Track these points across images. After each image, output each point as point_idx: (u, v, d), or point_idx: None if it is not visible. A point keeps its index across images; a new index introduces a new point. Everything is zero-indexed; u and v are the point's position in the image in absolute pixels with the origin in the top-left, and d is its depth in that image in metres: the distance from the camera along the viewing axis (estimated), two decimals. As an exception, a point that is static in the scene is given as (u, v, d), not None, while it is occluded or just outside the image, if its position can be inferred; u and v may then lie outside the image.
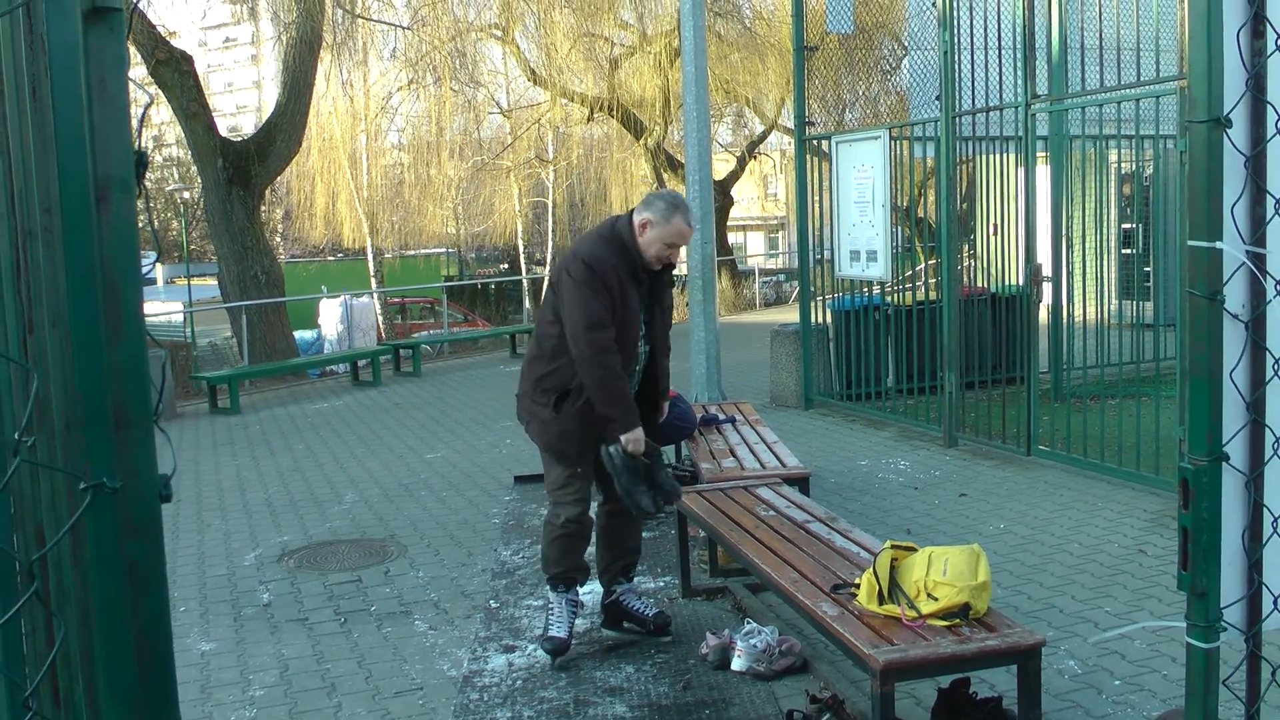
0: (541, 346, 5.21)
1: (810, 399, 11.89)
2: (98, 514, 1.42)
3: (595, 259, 4.99)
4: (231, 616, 6.09)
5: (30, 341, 1.83)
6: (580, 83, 27.51)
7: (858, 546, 4.93)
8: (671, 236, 5.05)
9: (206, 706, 4.89)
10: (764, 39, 25.59)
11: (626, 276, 5.03)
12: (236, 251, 18.13)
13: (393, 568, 6.87)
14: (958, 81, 9.47)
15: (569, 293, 5.01)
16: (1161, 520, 7.18)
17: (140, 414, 1.44)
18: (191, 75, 17.75)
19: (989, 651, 3.81)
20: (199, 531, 7.85)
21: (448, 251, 43.28)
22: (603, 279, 4.94)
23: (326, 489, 9.06)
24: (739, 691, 4.83)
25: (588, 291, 4.94)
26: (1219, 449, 2.22)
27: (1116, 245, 11.04)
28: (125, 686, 1.45)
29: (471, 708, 4.78)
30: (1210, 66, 2.14)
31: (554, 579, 5.33)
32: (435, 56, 25.71)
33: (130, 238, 1.44)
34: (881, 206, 10.54)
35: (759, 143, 33.59)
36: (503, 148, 33.27)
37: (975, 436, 9.73)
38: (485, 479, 9.15)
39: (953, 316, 9.67)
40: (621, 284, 5.00)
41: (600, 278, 4.94)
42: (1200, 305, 2.21)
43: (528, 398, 5.27)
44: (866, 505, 7.83)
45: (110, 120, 1.42)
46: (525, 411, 5.31)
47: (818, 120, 12.24)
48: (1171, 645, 5.14)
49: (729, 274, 29.33)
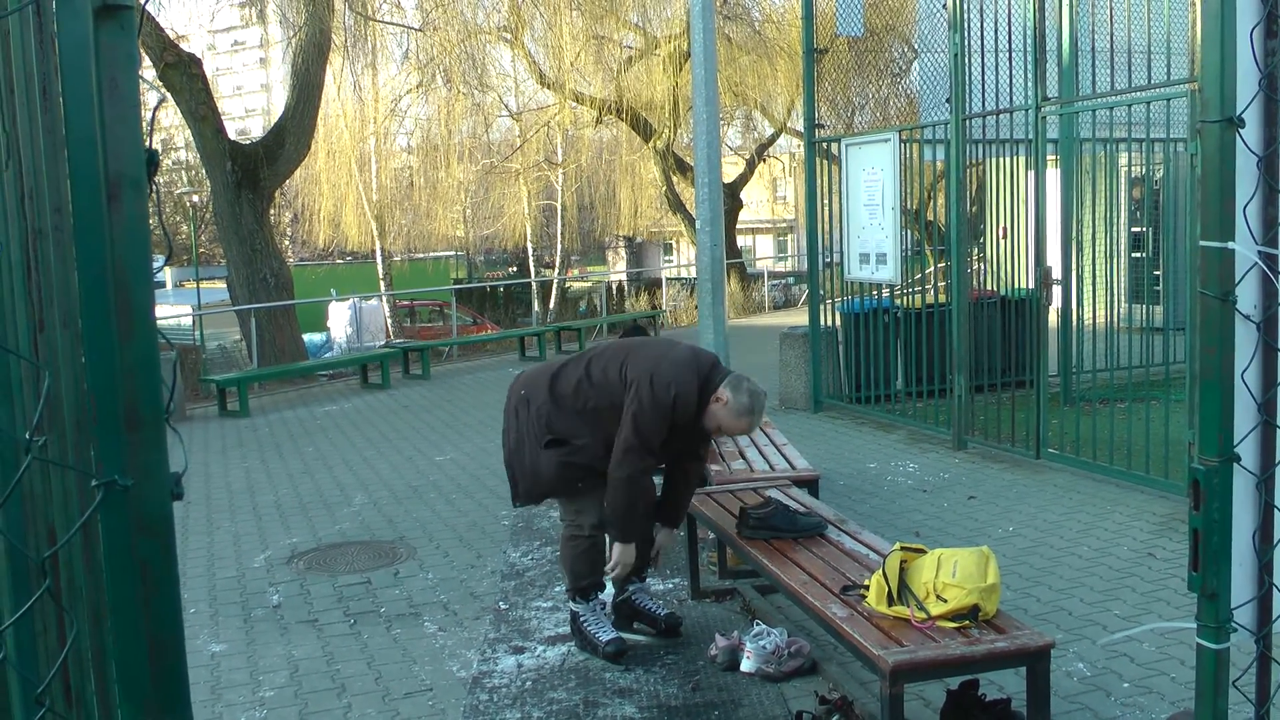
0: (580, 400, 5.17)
1: (819, 402, 11.88)
2: (110, 512, 1.42)
3: (681, 395, 5.00)
4: (241, 618, 6.10)
5: (41, 341, 1.83)
6: (589, 85, 27.54)
7: (867, 548, 4.93)
8: (731, 429, 5.16)
9: (217, 707, 4.90)
10: (773, 42, 25.59)
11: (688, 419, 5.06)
12: (245, 254, 18.13)
13: (402, 569, 6.87)
14: (968, 84, 9.46)
15: (644, 407, 4.97)
16: (1170, 524, 7.17)
17: (152, 413, 1.45)
18: (200, 78, 17.76)
19: (998, 653, 3.80)
20: (208, 533, 7.86)
21: (456, 254, 43.33)
22: (676, 412, 4.99)
23: (336, 491, 9.07)
24: (748, 693, 4.82)
25: (659, 419, 4.97)
26: (1230, 450, 2.21)
27: (1126, 249, 11.02)
28: (138, 685, 1.45)
29: (481, 709, 4.78)
30: (1223, 66, 2.14)
31: (583, 591, 5.35)
32: (444, 60, 25.73)
33: (142, 236, 1.44)
34: (891, 209, 10.54)
35: (768, 146, 33.63)
36: (512, 150, 33.32)
37: (984, 439, 9.72)
38: (494, 481, 9.15)
39: (962, 320, 9.66)
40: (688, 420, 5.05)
41: (675, 411, 4.98)
42: (1212, 306, 2.20)
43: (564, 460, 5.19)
44: (875, 508, 7.82)
45: (121, 118, 1.42)
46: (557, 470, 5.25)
47: (827, 123, 12.24)
48: (1180, 648, 5.13)
49: (738, 277, 29.32)
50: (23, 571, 1.54)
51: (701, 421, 5.07)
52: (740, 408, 5.00)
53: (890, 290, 11.37)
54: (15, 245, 1.74)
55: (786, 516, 5.19)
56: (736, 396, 5.00)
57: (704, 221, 9.15)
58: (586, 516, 5.27)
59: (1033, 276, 9.26)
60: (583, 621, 5.36)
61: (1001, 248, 9.86)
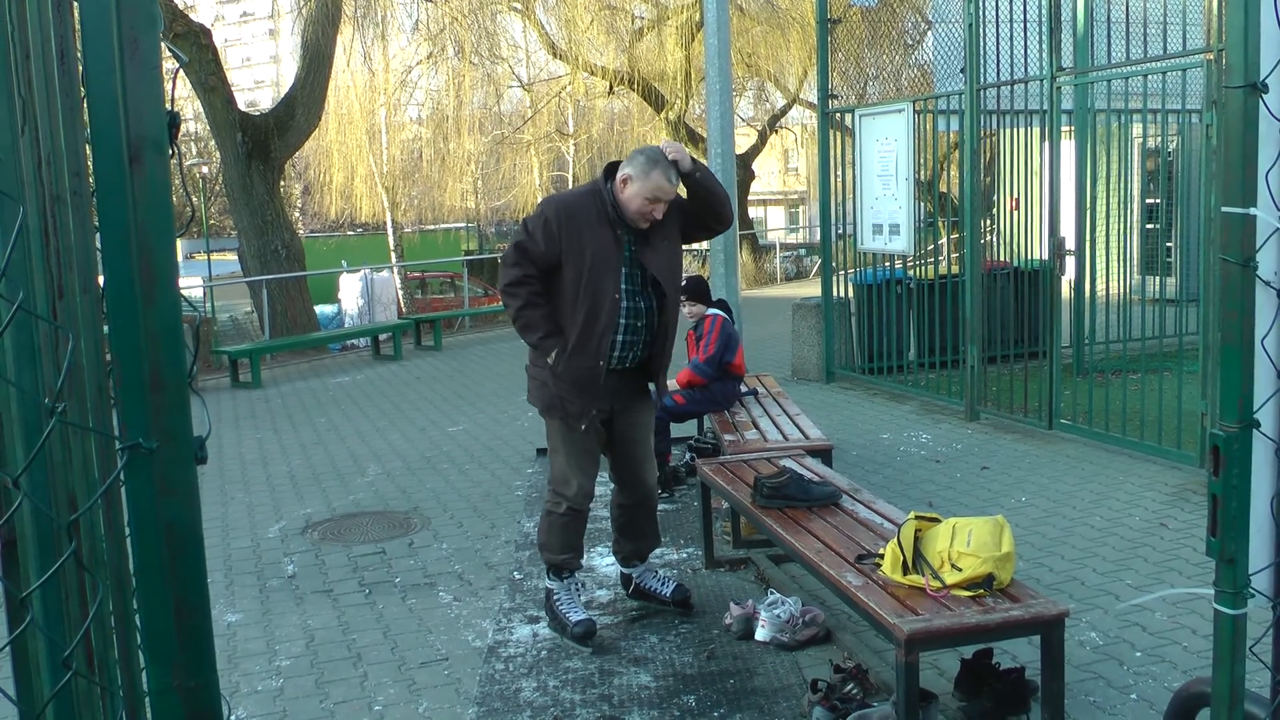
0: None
1: (832, 372, 11.87)
2: (134, 475, 1.43)
3: (546, 202, 5.10)
4: (257, 588, 6.12)
5: (60, 307, 1.83)
6: (601, 56, 27.42)
7: (881, 518, 4.93)
8: (651, 191, 4.90)
9: (234, 676, 4.93)
10: (786, 13, 25.45)
11: (593, 226, 4.94)
12: (257, 226, 18.14)
13: (416, 540, 6.89)
14: (982, 54, 9.41)
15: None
16: (1183, 494, 7.16)
17: (175, 376, 1.45)
18: (210, 49, 17.73)
19: (1013, 622, 3.80)
20: (222, 504, 7.89)
21: (467, 226, 43.26)
22: (542, 223, 4.94)
23: (349, 462, 9.09)
24: (763, 661, 4.84)
25: (519, 233, 5.05)
26: (1250, 416, 2.21)
27: (1140, 220, 10.97)
28: (164, 647, 1.46)
29: (497, 678, 4.80)
30: (1247, 31, 2.12)
31: (558, 567, 5.27)
32: (455, 30, 25.64)
33: (164, 199, 1.44)
34: (905, 180, 10.50)
35: (780, 117, 33.50)
36: (523, 121, 33.23)
37: (997, 410, 9.71)
38: (508, 452, 9.17)
39: (975, 290, 9.63)
40: (579, 231, 4.92)
41: (537, 221, 4.97)
42: (1233, 272, 2.19)
43: (530, 365, 5.25)
44: (888, 478, 7.82)
45: (142, 80, 1.42)
46: (530, 380, 5.31)
47: (840, 94, 12.18)
48: (1192, 617, 5.13)
49: (750, 248, 29.29)
50: (48, 537, 1.54)
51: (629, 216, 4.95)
52: (642, 167, 4.89)
53: (903, 261, 11.34)
54: (33, 211, 1.73)
55: (800, 486, 5.19)
56: (631, 164, 4.94)
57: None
58: (566, 486, 5.18)
59: (1046, 247, 9.23)
60: (555, 600, 5.27)
61: (1015, 219, 9.82)
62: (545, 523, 5.28)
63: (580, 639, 5.10)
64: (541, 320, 5.00)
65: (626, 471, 5.40)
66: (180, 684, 1.48)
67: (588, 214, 4.96)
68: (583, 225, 4.93)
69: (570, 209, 4.98)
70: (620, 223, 4.97)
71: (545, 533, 5.28)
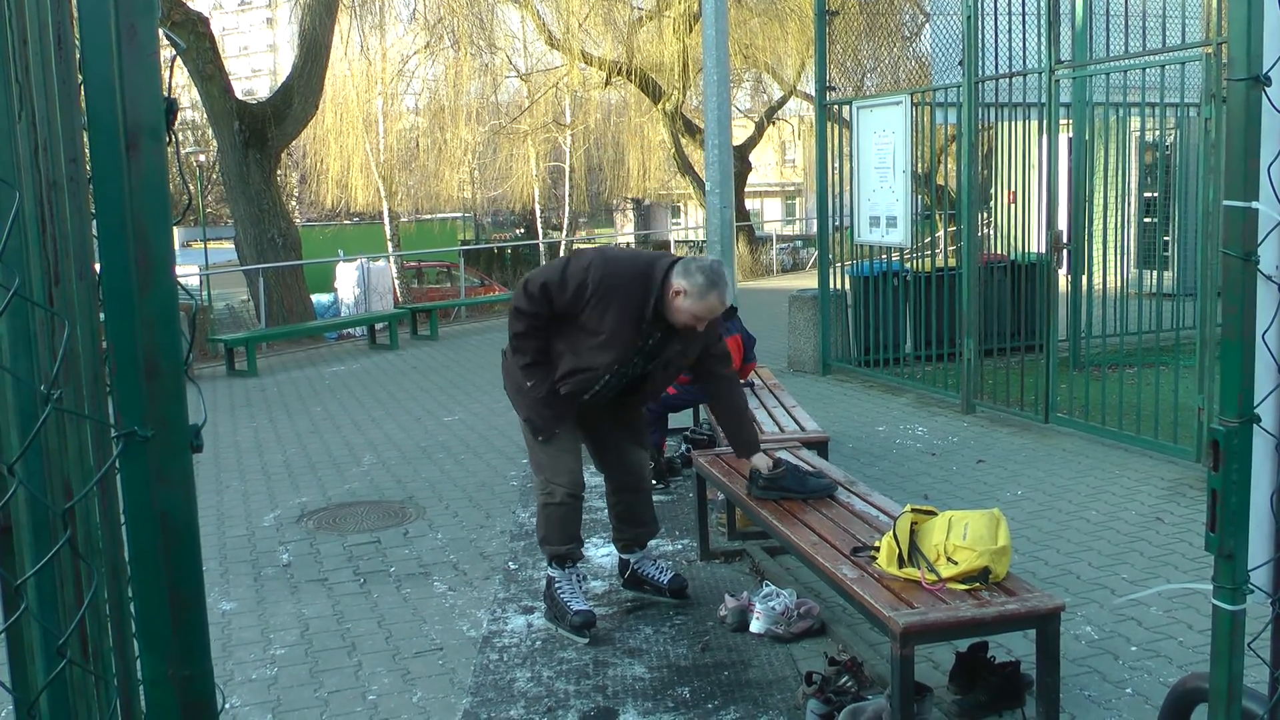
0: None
1: (828, 365, 11.88)
2: (129, 462, 1.42)
3: (596, 263, 4.87)
4: (251, 577, 6.12)
5: (56, 293, 1.82)
6: (598, 47, 27.39)
7: (877, 510, 4.93)
8: (703, 312, 4.84)
9: (228, 665, 4.92)
10: (784, 4, 25.41)
11: (626, 311, 4.82)
12: (253, 214, 18.10)
13: (411, 529, 6.89)
14: (980, 47, 9.40)
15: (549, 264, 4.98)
16: (1178, 488, 7.17)
17: (171, 364, 1.44)
18: (207, 37, 17.67)
19: (1009, 615, 3.80)
20: (217, 492, 7.89)
21: (464, 216, 43.26)
22: (578, 284, 4.79)
23: (344, 451, 9.08)
24: (757, 653, 4.84)
25: (553, 273, 4.86)
26: (1250, 410, 2.20)
27: (1137, 214, 10.97)
28: (159, 635, 1.45)
29: (491, 668, 4.80)
30: (1250, 24, 2.11)
31: (559, 558, 5.24)
32: (453, 20, 25.59)
33: (161, 186, 1.43)
34: (902, 172, 10.49)
35: (777, 109, 33.50)
36: (520, 112, 33.20)
37: (993, 403, 9.71)
38: (503, 442, 9.17)
39: (972, 283, 9.63)
40: (609, 308, 4.80)
41: (576, 278, 4.80)
42: (1234, 266, 2.19)
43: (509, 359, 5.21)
44: (884, 471, 7.82)
45: (140, 67, 1.41)
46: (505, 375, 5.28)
47: (838, 85, 12.17)
48: (1187, 612, 5.13)
49: (746, 240, 29.27)
50: (43, 524, 1.54)
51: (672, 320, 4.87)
52: (699, 288, 4.77)
53: (900, 254, 11.34)
54: (30, 197, 1.72)
55: (796, 478, 5.19)
56: (691, 279, 4.78)
57: (713, 183, 9.13)
58: (558, 474, 5.12)
59: (1043, 240, 9.23)
60: (557, 588, 5.23)
61: (1012, 212, 9.82)
62: (543, 515, 5.23)
63: (578, 629, 5.08)
64: (534, 351, 4.99)
65: (610, 456, 5.42)
66: (175, 672, 1.47)
67: (628, 298, 4.81)
68: (617, 306, 4.81)
69: (613, 287, 4.80)
70: (654, 322, 4.88)
71: (545, 526, 5.23)
